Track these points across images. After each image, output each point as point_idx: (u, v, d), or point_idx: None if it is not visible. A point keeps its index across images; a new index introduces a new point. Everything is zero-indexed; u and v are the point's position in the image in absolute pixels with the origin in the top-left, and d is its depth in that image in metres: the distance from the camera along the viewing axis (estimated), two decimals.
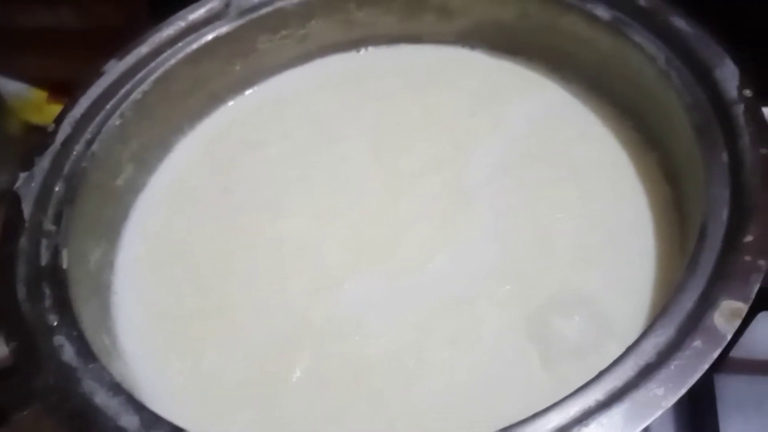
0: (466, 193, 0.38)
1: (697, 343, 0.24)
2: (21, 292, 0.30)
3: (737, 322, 0.24)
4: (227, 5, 0.41)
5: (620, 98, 0.39)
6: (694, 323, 0.25)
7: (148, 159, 0.41)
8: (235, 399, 0.32)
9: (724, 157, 0.29)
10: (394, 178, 0.39)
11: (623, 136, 0.38)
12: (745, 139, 0.29)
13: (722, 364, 0.40)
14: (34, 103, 0.72)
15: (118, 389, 0.27)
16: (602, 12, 0.37)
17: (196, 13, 0.41)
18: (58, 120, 0.36)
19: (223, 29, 0.41)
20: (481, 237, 0.36)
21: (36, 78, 0.72)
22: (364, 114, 0.42)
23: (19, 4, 0.67)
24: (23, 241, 0.32)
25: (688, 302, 0.25)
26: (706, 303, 0.25)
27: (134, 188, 0.40)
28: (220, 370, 0.33)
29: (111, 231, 0.38)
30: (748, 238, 0.26)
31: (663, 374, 0.23)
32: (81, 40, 0.66)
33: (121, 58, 0.39)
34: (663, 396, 0.23)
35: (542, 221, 0.36)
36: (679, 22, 0.34)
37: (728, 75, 0.31)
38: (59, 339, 0.29)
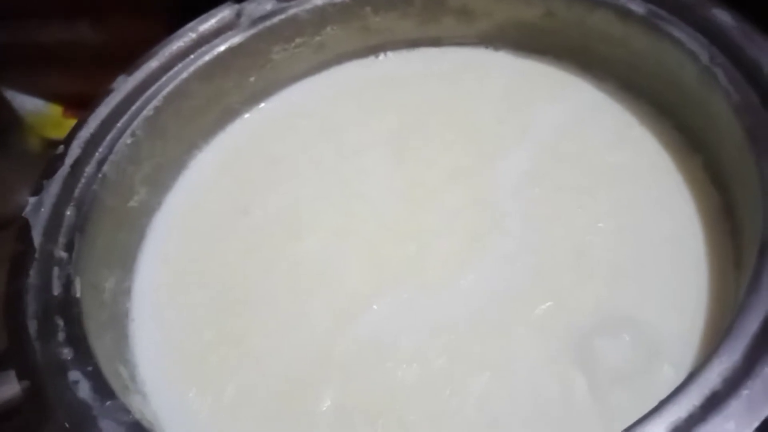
0: (494, 204, 0.36)
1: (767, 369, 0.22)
2: (32, 327, 0.29)
3: None
4: (239, 15, 0.40)
5: (658, 97, 0.37)
6: (762, 347, 0.22)
7: (163, 178, 0.39)
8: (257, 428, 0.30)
9: None
10: (416, 191, 0.37)
11: (663, 138, 0.36)
12: None
13: None
14: (51, 119, 0.72)
15: (137, 428, 0.26)
16: (636, 6, 0.35)
17: (207, 24, 0.39)
18: (67, 141, 0.35)
19: (235, 40, 0.39)
20: (512, 252, 0.34)
21: (53, 93, 0.72)
22: (384, 123, 0.41)
23: (36, 19, 0.66)
24: (34, 272, 0.30)
25: (753, 324, 0.23)
26: None
27: (149, 210, 0.39)
28: (242, 401, 0.31)
29: (126, 256, 0.36)
30: None
31: (733, 406, 0.21)
32: (98, 54, 0.65)
33: (130, 73, 0.37)
34: (734, 431, 0.21)
35: (578, 233, 0.34)
36: (723, 16, 0.32)
37: None
38: (74, 374, 0.27)
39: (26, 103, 0.72)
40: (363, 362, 0.31)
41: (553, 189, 0.36)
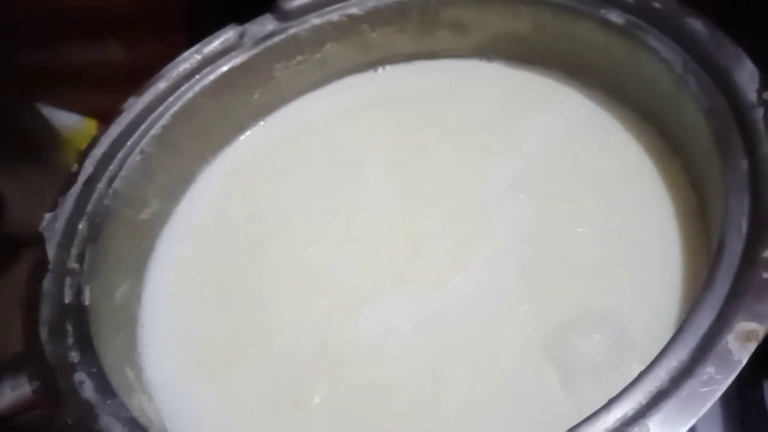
0: (484, 211, 0.37)
1: (710, 369, 0.23)
2: (44, 332, 0.31)
3: (753, 346, 0.22)
4: (242, 36, 0.42)
5: (640, 103, 0.38)
6: (708, 347, 0.23)
7: (173, 191, 0.42)
8: (258, 423, 0.33)
9: (744, 164, 0.28)
10: (411, 199, 0.39)
11: (646, 142, 0.37)
12: (765, 146, 0.28)
13: None
14: (87, 134, 0.75)
15: (134, 424, 0.28)
16: (615, 17, 0.36)
17: (211, 46, 0.41)
18: (80, 160, 0.37)
19: (238, 60, 0.42)
20: (500, 256, 0.35)
21: (87, 110, 0.75)
22: (381, 135, 0.42)
23: (70, 40, 0.70)
24: (47, 282, 0.33)
25: (704, 323, 0.24)
26: (721, 324, 0.24)
27: (160, 221, 0.41)
28: (244, 395, 0.34)
29: (137, 265, 0.39)
30: (767, 254, 0.25)
31: (673, 403, 0.22)
32: (127, 72, 0.69)
33: (139, 95, 0.40)
34: (672, 426, 0.22)
35: (563, 237, 0.35)
36: (695, 24, 0.33)
37: (747, 78, 0.30)
38: (80, 376, 0.30)
39: (64, 119, 0.75)
40: (359, 355, 0.33)
41: (540, 194, 0.37)
